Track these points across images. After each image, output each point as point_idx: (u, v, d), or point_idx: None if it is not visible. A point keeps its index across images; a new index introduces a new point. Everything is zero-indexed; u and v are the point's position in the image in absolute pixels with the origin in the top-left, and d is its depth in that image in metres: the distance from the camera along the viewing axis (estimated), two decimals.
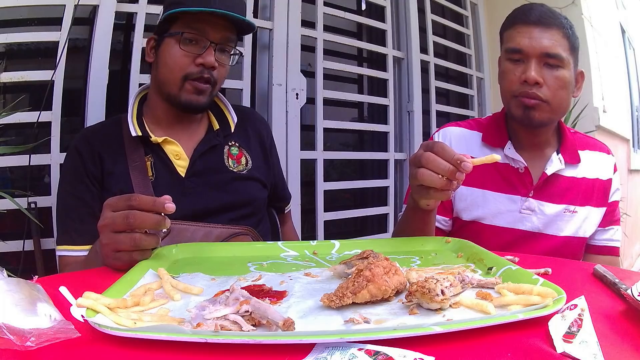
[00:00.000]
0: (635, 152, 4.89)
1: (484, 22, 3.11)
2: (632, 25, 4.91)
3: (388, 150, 2.50)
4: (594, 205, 1.20)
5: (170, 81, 1.10)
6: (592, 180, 1.21)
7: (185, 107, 1.11)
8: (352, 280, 0.60)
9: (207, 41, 1.08)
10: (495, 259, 0.76)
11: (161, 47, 1.11)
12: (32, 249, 1.44)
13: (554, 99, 1.10)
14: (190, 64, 1.08)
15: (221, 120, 1.23)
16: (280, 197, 1.39)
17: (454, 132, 1.26)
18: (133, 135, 1.10)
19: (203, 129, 1.21)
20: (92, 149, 1.11)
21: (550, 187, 1.17)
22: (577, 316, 0.51)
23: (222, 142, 1.20)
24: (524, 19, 1.12)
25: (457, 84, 2.99)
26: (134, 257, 0.76)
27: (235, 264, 0.82)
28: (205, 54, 1.08)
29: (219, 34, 1.09)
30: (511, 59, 1.13)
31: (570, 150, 1.20)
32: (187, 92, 1.09)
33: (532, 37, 1.09)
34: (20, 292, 0.53)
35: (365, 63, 2.68)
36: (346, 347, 0.46)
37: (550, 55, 1.09)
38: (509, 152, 1.18)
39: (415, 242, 0.95)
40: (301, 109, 2.11)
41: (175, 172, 1.12)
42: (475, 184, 1.20)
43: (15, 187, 1.48)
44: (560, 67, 1.10)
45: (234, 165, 1.19)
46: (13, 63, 1.49)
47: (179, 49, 1.07)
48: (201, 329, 0.49)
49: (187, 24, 1.07)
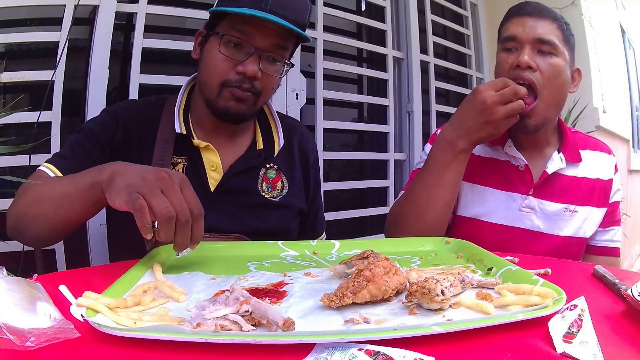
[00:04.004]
0: (635, 153, 4.89)
1: (483, 22, 3.11)
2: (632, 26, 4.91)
3: (388, 151, 2.50)
4: (595, 206, 1.20)
5: (208, 85, 1.00)
6: (592, 180, 1.20)
7: (222, 114, 1.01)
8: (352, 280, 0.60)
9: (252, 47, 0.95)
10: (495, 259, 0.76)
11: (206, 44, 1.01)
12: (32, 248, 1.44)
13: (548, 86, 1.08)
14: (230, 70, 0.97)
15: (267, 140, 1.11)
16: (309, 228, 1.23)
17: None
18: (177, 132, 1.01)
19: (246, 144, 1.10)
20: (129, 126, 1.02)
21: (551, 185, 1.17)
22: (577, 316, 0.51)
23: (260, 163, 1.09)
24: (518, 11, 1.14)
25: (457, 85, 2.99)
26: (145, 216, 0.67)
27: (235, 263, 0.81)
28: (248, 62, 0.95)
29: (268, 40, 0.96)
30: (505, 48, 1.13)
31: (571, 149, 1.20)
32: (225, 99, 0.98)
33: (526, 25, 1.10)
34: (20, 291, 0.52)
35: (365, 63, 2.68)
36: (346, 347, 0.46)
37: (543, 41, 1.08)
38: (509, 150, 1.18)
39: (415, 242, 0.95)
40: (301, 109, 2.11)
41: (206, 183, 1.03)
42: (476, 180, 1.20)
43: (15, 187, 1.48)
44: (554, 55, 1.09)
45: (268, 190, 1.09)
46: (13, 63, 1.49)
47: (219, 52, 0.96)
48: (201, 329, 0.49)
49: (233, 25, 0.95)
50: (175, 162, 1.03)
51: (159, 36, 1.79)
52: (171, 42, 1.79)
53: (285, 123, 1.16)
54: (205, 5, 1.86)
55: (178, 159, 1.03)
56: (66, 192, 0.81)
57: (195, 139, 1.02)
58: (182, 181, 0.72)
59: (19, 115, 1.38)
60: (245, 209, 1.06)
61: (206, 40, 1.01)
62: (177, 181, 0.71)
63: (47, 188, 0.86)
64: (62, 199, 0.81)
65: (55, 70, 1.46)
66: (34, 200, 0.86)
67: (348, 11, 2.36)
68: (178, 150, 1.03)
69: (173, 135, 1.02)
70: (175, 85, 1.73)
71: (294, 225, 1.16)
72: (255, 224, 1.06)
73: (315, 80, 2.16)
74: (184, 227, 0.69)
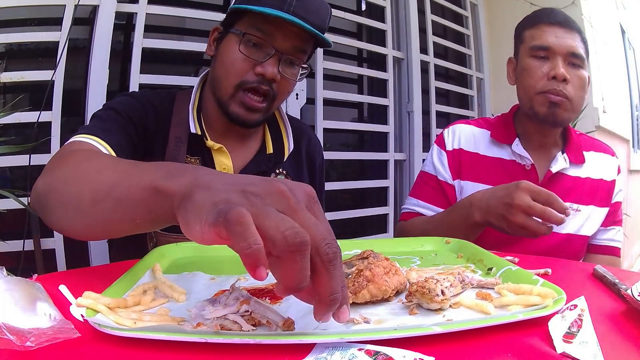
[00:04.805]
0: (635, 153, 4.88)
1: (483, 22, 3.11)
2: (632, 26, 4.91)
3: (388, 151, 2.50)
4: (598, 205, 1.21)
5: (222, 84, 0.96)
6: (596, 180, 1.22)
7: (231, 119, 0.98)
8: (352, 280, 0.60)
9: (273, 48, 0.93)
10: (495, 259, 0.76)
11: (223, 41, 0.97)
12: (32, 248, 1.44)
13: (575, 97, 1.14)
14: (249, 70, 0.94)
15: (277, 144, 1.09)
16: None
17: (464, 130, 1.29)
18: (191, 132, 0.97)
19: (255, 146, 1.08)
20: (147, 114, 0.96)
21: (555, 185, 1.18)
22: (577, 316, 0.51)
23: (270, 168, 1.07)
24: (548, 19, 1.16)
25: (457, 85, 2.99)
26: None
27: (235, 263, 0.81)
28: (267, 63, 0.93)
29: (289, 42, 0.94)
30: (536, 56, 1.16)
31: (575, 150, 1.22)
32: (237, 104, 0.95)
33: (559, 36, 1.13)
34: (20, 290, 0.52)
35: (365, 63, 2.68)
36: (346, 347, 0.46)
37: (575, 55, 1.14)
38: (517, 149, 1.20)
39: (415, 242, 0.95)
40: (301, 109, 2.11)
41: None
42: (481, 179, 1.22)
43: (15, 187, 1.48)
44: (581, 68, 1.15)
45: None
46: (13, 63, 1.50)
47: (238, 51, 0.93)
48: (201, 329, 0.49)
49: (254, 24, 0.92)
50: (189, 162, 0.99)
51: (159, 36, 1.80)
52: (171, 42, 1.79)
53: (294, 127, 1.13)
54: (206, 5, 1.86)
55: (192, 159, 1.00)
56: (117, 184, 0.56)
57: (209, 140, 1.00)
58: (310, 200, 0.46)
59: (19, 115, 1.38)
60: None
61: (223, 37, 0.98)
62: (303, 199, 0.45)
63: (93, 165, 0.65)
64: (109, 191, 0.56)
65: (55, 70, 1.47)
66: (74, 176, 0.64)
67: (348, 11, 2.37)
68: (191, 150, 1.00)
69: (186, 134, 0.99)
70: (175, 85, 1.73)
71: None
72: None
73: (315, 80, 2.16)
74: (330, 264, 0.41)
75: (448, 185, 1.24)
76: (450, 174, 1.24)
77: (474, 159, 1.23)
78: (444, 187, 1.24)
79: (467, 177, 1.23)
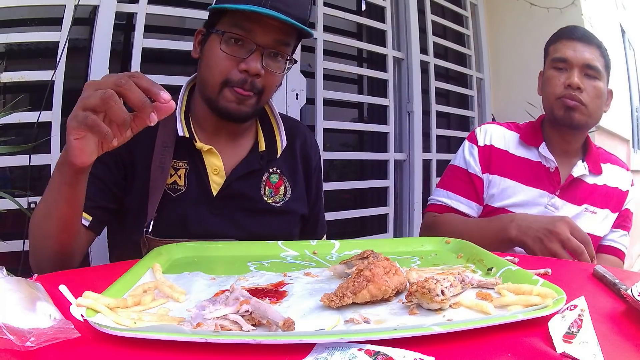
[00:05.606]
0: (635, 153, 4.89)
1: (483, 22, 3.11)
2: (632, 26, 4.91)
3: (388, 151, 2.50)
4: (612, 210, 1.32)
5: (209, 84, 0.97)
6: (612, 188, 1.33)
7: (223, 115, 0.99)
8: (352, 280, 0.60)
9: (254, 44, 0.94)
10: (495, 259, 0.76)
11: (207, 43, 0.98)
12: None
13: (591, 104, 1.25)
14: (233, 68, 0.94)
15: (269, 141, 1.09)
16: (310, 231, 1.21)
17: (495, 130, 1.38)
18: (179, 135, 0.98)
19: (248, 145, 1.08)
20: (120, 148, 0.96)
21: (575, 189, 1.29)
22: (577, 316, 0.51)
23: (263, 167, 1.07)
24: (569, 35, 1.29)
25: (457, 85, 2.99)
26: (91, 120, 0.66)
27: (235, 263, 0.81)
28: (250, 59, 0.93)
29: (270, 36, 0.94)
30: (556, 67, 1.29)
31: (593, 161, 1.33)
32: (226, 99, 0.96)
33: (576, 50, 1.26)
34: (20, 290, 0.52)
35: (365, 63, 2.68)
36: (346, 347, 0.46)
37: (590, 67, 1.24)
38: (543, 151, 1.30)
39: (415, 242, 0.95)
40: (301, 110, 2.11)
41: (208, 188, 1.01)
42: (507, 175, 1.31)
43: (15, 187, 1.48)
44: (597, 79, 1.25)
45: (270, 195, 1.08)
46: (13, 63, 1.50)
47: (220, 50, 0.94)
48: (201, 329, 0.49)
49: (234, 22, 0.94)
50: (177, 166, 1.01)
51: (159, 36, 1.80)
52: (171, 42, 1.79)
53: (288, 125, 1.14)
54: (205, 5, 1.86)
55: (179, 163, 1.01)
56: (45, 199, 0.82)
57: (198, 142, 1.00)
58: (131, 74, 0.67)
59: (19, 115, 1.38)
60: (247, 215, 1.04)
61: (206, 38, 0.99)
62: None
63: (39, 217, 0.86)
64: (46, 207, 0.82)
65: (55, 70, 1.47)
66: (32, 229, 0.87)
67: (348, 11, 2.37)
68: (179, 154, 1.00)
69: (173, 138, 1.00)
70: (175, 85, 1.73)
71: (296, 231, 1.14)
72: (258, 229, 1.04)
73: (315, 80, 2.16)
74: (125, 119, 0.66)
75: (477, 178, 1.32)
76: (480, 167, 1.33)
77: (504, 156, 1.33)
78: (473, 179, 1.33)
79: (496, 171, 1.32)
